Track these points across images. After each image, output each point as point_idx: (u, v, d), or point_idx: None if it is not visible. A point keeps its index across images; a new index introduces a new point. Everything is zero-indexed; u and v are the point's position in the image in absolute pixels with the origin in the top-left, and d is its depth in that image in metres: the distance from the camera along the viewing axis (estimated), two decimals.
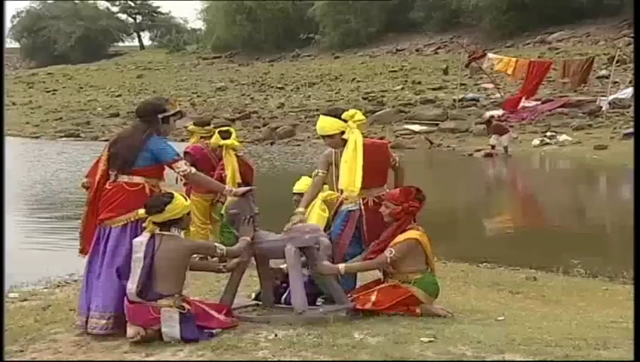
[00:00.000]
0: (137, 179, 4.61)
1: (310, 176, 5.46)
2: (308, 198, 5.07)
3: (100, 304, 4.47)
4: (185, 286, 4.52)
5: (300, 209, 4.97)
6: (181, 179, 5.39)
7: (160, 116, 4.69)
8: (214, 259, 5.34)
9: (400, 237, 4.83)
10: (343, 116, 5.04)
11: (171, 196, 4.43)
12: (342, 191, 5.09)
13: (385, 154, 5.20)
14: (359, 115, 5.07)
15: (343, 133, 5.01)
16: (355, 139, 4.96)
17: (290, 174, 7.13)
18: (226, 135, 7.06)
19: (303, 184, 5.44)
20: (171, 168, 4.66)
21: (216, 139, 7.10)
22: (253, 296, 5.28)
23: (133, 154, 4.58)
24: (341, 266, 4.82)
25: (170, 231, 4.42)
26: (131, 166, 4.60)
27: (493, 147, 19.70)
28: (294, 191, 5.44)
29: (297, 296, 4.60)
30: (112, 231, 4.57)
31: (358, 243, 5.10)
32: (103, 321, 4.44)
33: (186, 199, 4.59)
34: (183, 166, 4.64)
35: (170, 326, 4.22)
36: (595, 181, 16.65)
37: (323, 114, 5.22)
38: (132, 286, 4.30)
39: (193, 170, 4.75)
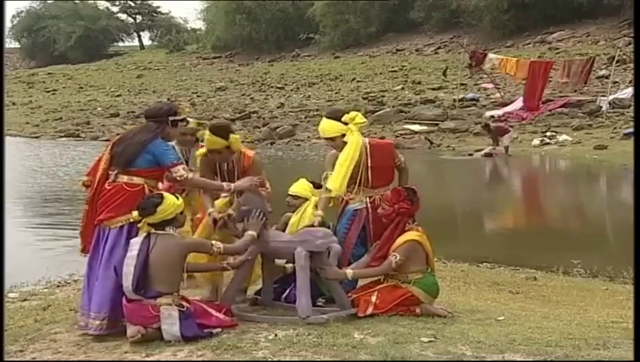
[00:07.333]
0: (137, 180, 4.60)
1: (308, 178, 5.48)
2: (326, 201, 5.10)
3: (95, 305, 4.48)
4: (184, 287, 4.52)
5: (319, 212, 5.02)
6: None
7: (171, 119, 4.70)
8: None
9: (400, 240, 4.83)
10: (343, 119, 5.04)
11: (161, 197, 4.42)
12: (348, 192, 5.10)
13: (391, 155, 5.22)
14: (360, 118, 5.07)
15: (344, 135, 5.02)
16: (353, 141, 4.97)
17: (290, 174, 7.10)
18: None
19: (299, 187, 5.41)
20: (169, 172, 4.65)
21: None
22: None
23: (136, 152, 4.58)
24: (349, 272, 4.81)
25: (165, 230, 4.42)
26: (132, 166, 4.60)
27: (494, 147, 19.67)
28: (290, 193, 5.42)
29: (302, 300, 4.58)
30: (110, 231, 4.57)
31: (362, 244, 5.11)
32: (97, 322, 4.44)
33: (177, 198, 4.56)
34: (180, 170, 4.62)
35: (170, 323, 4.22)
36: (595, 181, 16.63)
37: (325, 116, 5.21)
38: (127, 284, 4.30)
39: (191, 175, 4.74)
